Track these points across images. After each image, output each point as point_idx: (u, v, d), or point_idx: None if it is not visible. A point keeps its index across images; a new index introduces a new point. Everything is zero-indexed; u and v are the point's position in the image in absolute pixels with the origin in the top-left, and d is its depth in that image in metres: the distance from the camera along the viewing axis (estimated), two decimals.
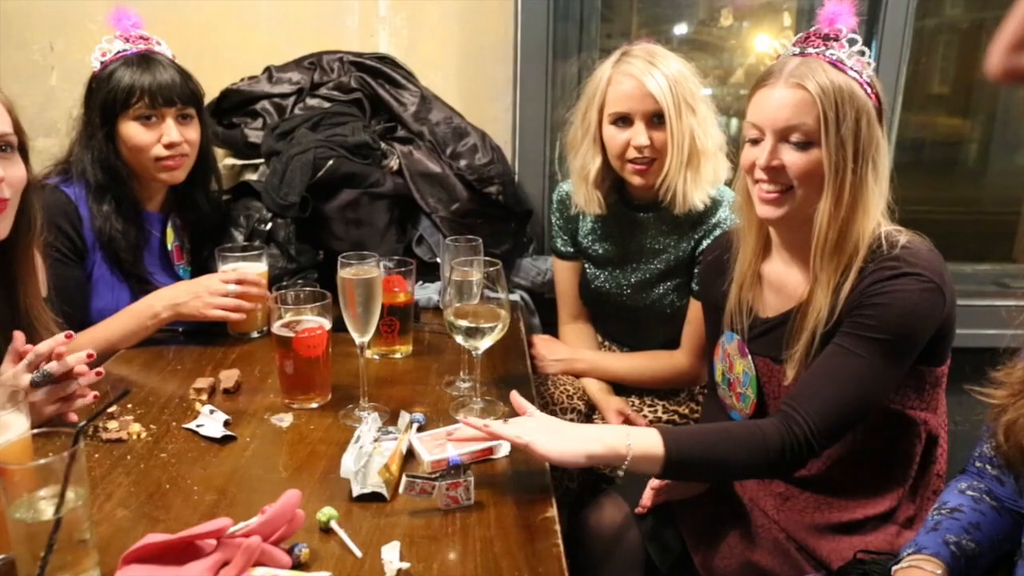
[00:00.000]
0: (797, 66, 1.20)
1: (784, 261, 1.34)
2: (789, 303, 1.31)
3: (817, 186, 1.20)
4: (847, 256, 1.21)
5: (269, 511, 0.91)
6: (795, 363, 1.24)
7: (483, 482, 1.09)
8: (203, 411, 1.29)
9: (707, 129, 1.59)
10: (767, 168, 1.21)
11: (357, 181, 1.83)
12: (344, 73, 2.02)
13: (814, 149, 1.19)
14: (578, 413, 1.72)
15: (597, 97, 1.60)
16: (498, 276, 1.26)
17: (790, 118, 1.18)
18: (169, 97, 1.60)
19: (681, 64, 1.59)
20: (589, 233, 1.78)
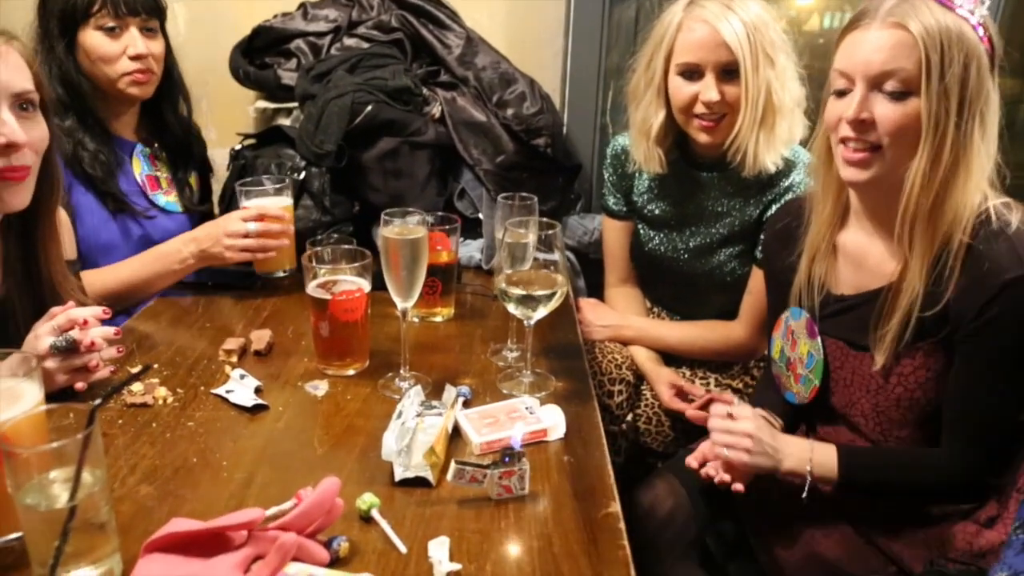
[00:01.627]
0: (897, 4, 1.03)
1: (866, 232, 1.19)
2: (873, 281, 1.17)
3: (911, 144, 1.05)
4: (945, 227, 1.06)
5: (305, 499, 0.82)
6: (886, 347, 1.11)
7: (536, 468, 0.99)
8: (233, 375, 1.20)
9: (785, 83, 1.43)
10: (855, 122, 1.05)
11: (397, 129, 1.70)
12: (384, 11, 1.88)
13: (912, 99, 1.03)
14: (626, 384, 1.61)
15: (664, 44, 1.44)
16: (555, 239, 1.14)
17: (886, 62, 1.03)
18: (133, 6, 1.51)
19: (761, 8, 1.41)
20: (645, 192, 1.64)
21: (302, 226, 1.66)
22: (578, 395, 1.20)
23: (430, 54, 1.87)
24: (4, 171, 1.04)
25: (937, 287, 1.08)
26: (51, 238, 1.18)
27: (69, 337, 1.05)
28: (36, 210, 1.13)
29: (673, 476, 1.39)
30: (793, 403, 1.32)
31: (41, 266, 1.17)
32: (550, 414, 1.09)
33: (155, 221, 1.64)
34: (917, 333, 1.09)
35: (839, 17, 2.18)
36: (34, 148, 1.07)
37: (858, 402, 1.21)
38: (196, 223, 1.72)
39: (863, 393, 1.20)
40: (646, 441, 1.62)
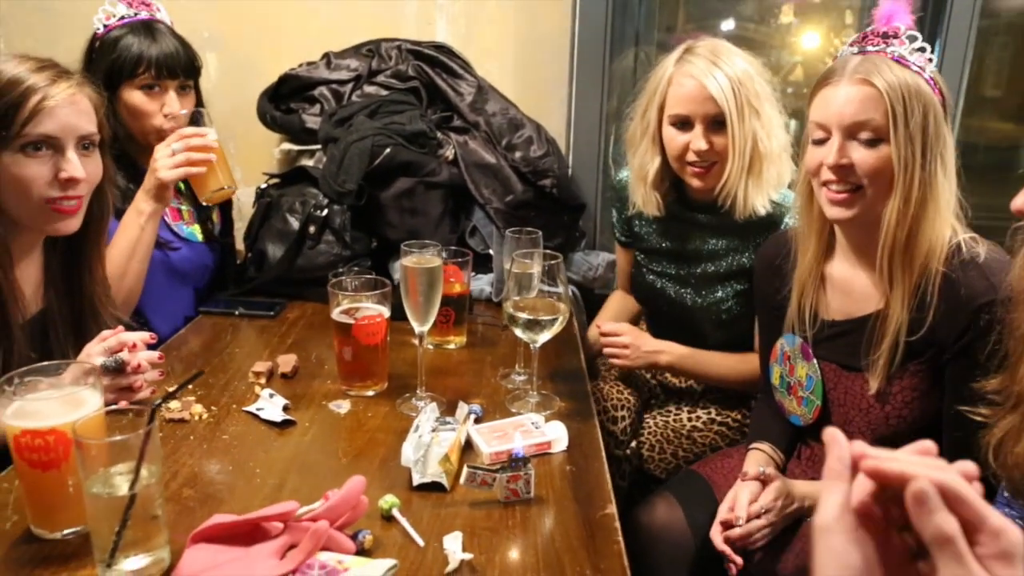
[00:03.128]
0: (861, 63, 1.17)
1: (851, 263, 1.30)
2: (861, 308, 1.28)
3: (887, 184, 1.17)
4: (921, 259, 1.18)
5: (333, 497, 0.92)
6: (879, 372, 1.21)
7: (541, 476, 1.08)
8: (263, 395, 1.31)
9: (771, 131, 1.53)
10: (836, 167, 1.18)
11: (413, 170, 1.83)
12: (402, 61, 2.02)
13: (883, 146, 1.16)
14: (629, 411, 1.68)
15: (657, 96, 1.55)
16: (558, 269, 1.25)
17: (857, 114, 1.16)
18: (173, 69, 1.64)
19: (747, 63, 1.52)
20: (648, 227, 1.73)
21: (324, 260, 1.78)
22: (580, 413, 1.30)
23: (444, 101, 2.01)
24: (60, 200, 1.17)
25: (920, 313, 1.18)
26: (97, 260, 1.30)
27: (119, 358, 1.16)
28: (85, 234, 1.26)
29: (671, 495, 1.47)
30: (799, 426, 1.40)
31: (84, 284, 1.29)
32: (554, 429, 1.19)
33: (178, 252, 1.75)
34: (905, 356, 1.19)
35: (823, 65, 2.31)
36: (89, 182, 1.20)
37: (852, 420, 1.30)
38: (217, 253, 1.85)
39: (856, 412, 1.29)
40: (649, 468, 1.67)
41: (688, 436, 1.67)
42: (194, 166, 1.55)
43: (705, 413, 1.69)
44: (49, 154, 1.16)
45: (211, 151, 1.58)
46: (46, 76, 1.16)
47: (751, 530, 1.28)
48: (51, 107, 1.14)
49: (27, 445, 0.87)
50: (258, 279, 1.81)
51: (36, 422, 0.88)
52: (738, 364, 1.66)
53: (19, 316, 1.18)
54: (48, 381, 0.94)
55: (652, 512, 1.44)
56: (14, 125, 1.12)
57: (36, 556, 0.90)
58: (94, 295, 1.30)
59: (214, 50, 2.17)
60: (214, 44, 2.16)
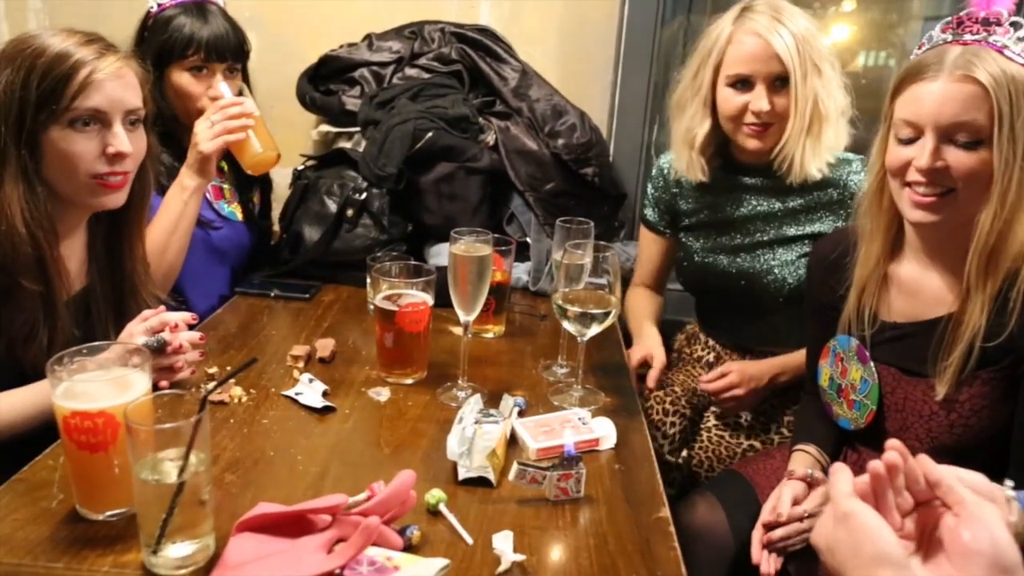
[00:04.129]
0: (961, 54, 1.08)
1: (922, 264, 1.24)
2: (929, 311, 1.22)
3: (981, 188, 1.09)
4: (1008, 263, 1.11)
5: (383, 491, 0.89)
6: (948, 378, 1.16)
7: (589, 474, 1.04)
8: (302, 379, 1.29)
9: (832, 92, 1.47)
10: (929, 171, 1.10)
11: (454, 155, 1.80)
12: (444, 44, 1.98)
13: (983, 147, 1.08)
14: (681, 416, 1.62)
15: (714, 56, 1.49)
16: (609, 261, 1.21)
17: (959, 114, 1.07)
18: (222, 52, 1.62)
19: (808, 20, 1.47)
20: (691, 200, 1.67)
21: (360, 243, 1.76)
22: (626, 410, 1.27)
23: (487, 85, 1.97)
24: (107, 175, 1.15)
25: (1000, 318, 1.12)
26: (138, 237, 1.29)
27: (160, 338, 1.14)
28: (127, 210, 1.24)
29: (712, 495, 1.43)
30: (848, 429, 1.35)
31: (125, 262, 1.27)
32: (602, 425, 1.16)
33: (219, 231, 1.74)
34: (979, 363, 1.14)
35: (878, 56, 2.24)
36: (135, 158, 1.19)
37: (911, 427, 1.25)
38: (256, 234, 1.83)
39: (916, 419, 1.24)
40: (700, 477, 1.61)
41: (742, 456, 1.62)
42: (232, 133, 1.53)
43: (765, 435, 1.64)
44: (97, 129, 1.14)
45: (250, 117, 1.56)
46: (93, 50, 1.13)
47: (790, 533, 1.25)
48: (99, 80, 1.12)
49: (76, 427, 0.86)
50: (294, 261, 1.78)
51: (86, 404, 0.86)
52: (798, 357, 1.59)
53: (64, 293, 1.16)
54: (95, 360, 0.92)
55: (693, 512, 1.41)
56: (63, 99, 1.10)
57: (82, 537, 0.88)
58: (134, 273, 1.29)
59: (254, 30, 2.12)
60: (255, 24, 2.13)
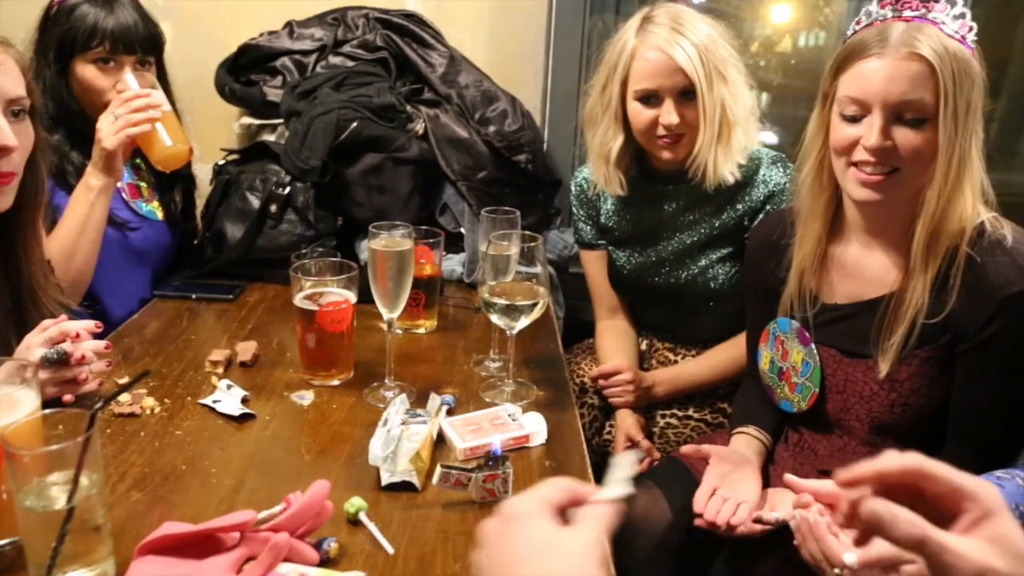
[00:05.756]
0: (905, 31, 1.07)
1: (863, 244, 1.23)
2: (870, 290, 1.22)
3: (924, 166, 1.09)
4: (949, 240, 1.11)
5: (296, 502, 0.85)
6: (891, 357, 1.15)
7: (519, 472, 1.02)
8: (220, 386, 1.23)
9: (738, 95, 1.46)
10: (878, 149, 1.09)
11: (381, 145, 1.74)
12: (369, 30, 1.92)
13: (928, 126, 1.07)
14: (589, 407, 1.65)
15: (619, 71, 1.47)
16: (537, 252, 1.18)
17: (907, 92, 1.06)
18: (130, 44, 1.52)
19: (709, 26, 1.45)
20: (613, 214, 1.66)
21: (286, 240, 1.69)
22: (559, 403, 1.24)
23: (414, 72, 1.91)
24: None
25: (940, 296, 1.12)
26: (33, 240, 1.20)
27: (61, 350, 1.07)
28: (19, 213, 1.15)
29: (651, 482, 1.42)
30: (790, 412, 1.35)
31: (21, 267, 1.18)
32: (532, 421, 1.13)
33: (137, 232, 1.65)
34: (919, 341, 1.14)
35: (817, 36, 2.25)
36: (21, 153, 1.10)
37: (852, 408, 1.25)
38: (178, 235, 1.75)
39: (857, 400, 1.24)
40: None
41: (661, 435, 1.62)
42: (136, 126, 1.43)
43: (681, 410, 1.64)
44: None
45: (155, 108, 1.46)
46: None
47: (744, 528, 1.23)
48: None
49: None
50: (216, 260, 1.71)
51: None
52: (727, 354, 1.61)
53: None
54: None
55: (633, 503, 1.39)
56: None
57: None
58: (32, 278, 1.20)
59: (168, 18, 2.03)
60: (169, 13, 2.03)
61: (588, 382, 1.66)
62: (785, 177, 1.51)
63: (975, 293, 1.10)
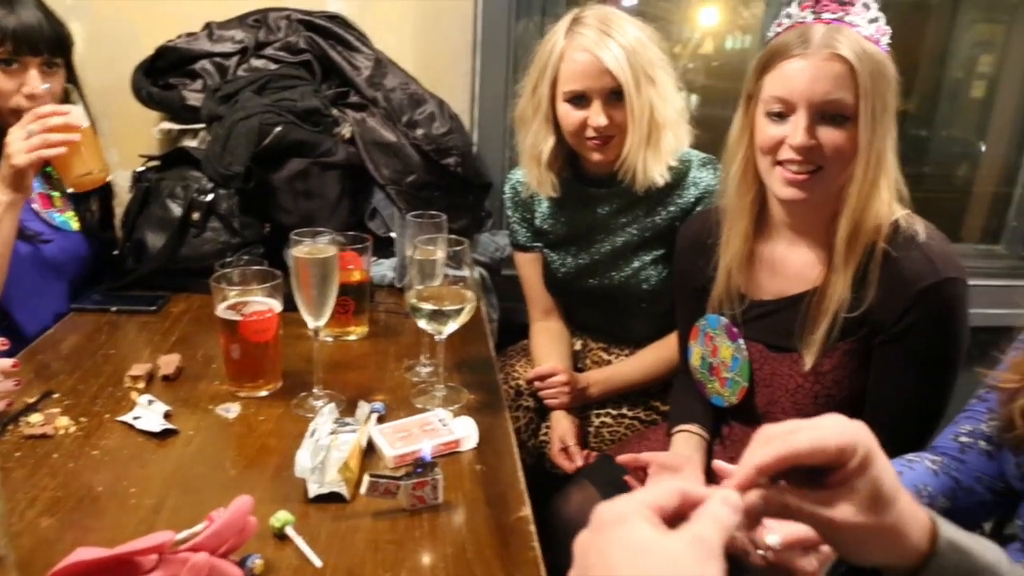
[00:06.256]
0: (826, 33, 1.11)
1: (788, 241, 1.27)
2: (794, 286, 1.25)
3: (845, 164, 1.13)
4: (867, 236, 1.15)
5: (217, 519, 0.82)
6: (815, 350, 1.19)
7: (449, 478, 1.01)
8: (140, 401, 1.18)
9: (667, 98, 1.49)
10: (804, 148, 1.12)
11: (307, 150, 1.71)
12: (292, 32, 1.88)
13: (849, 123, 1.11)
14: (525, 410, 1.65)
15: (548, 72, 1.48)
16: (464, 255, 1.18)
17: (829, 92, 1.10)
18: (34, 44, 1.45)
19: (637, 29, 1.47)
20: (548, 216, 1.67)
21: (210, 248, 1.64)
22: (490, 406, 1.24)
23: (339, 75, 1.88)
24: None
25: (859, 291, 1.16)
26: None
27: None
28: None
29: (587, 482, 1.44)
30: (721, 406, 1.38)
31: None
32: (463, 425, 1.13)
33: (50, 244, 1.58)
34: (840, 334, 1.18)
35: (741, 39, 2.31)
36: None
37: (778, 401, 1.28)
38: (96, 245, 1.68)
39: (783, 393, 1.27)
40: (547, 465, 1.61)
41: (597, 434, 1.63)
42: (52, 148, 1.36)
43: (616, 409, 1.66)
44: None
45: (74, 131, 1.39)
46: None
47: None
48: None
49: None
50: (138, 271, 1.65)
51: None
52: (658, 353, 1.64)
53: None
54: None
55: (568, 502, 1.41)
56: None
57: None
58: None
59: (79, 19, 1.96)
60: (80, 13, 1.95)
61: (524, 384, 1.67)
62: (715, 179, 1.53)
63: (891, 287, 1.15)
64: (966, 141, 2.51)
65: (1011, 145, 2.37)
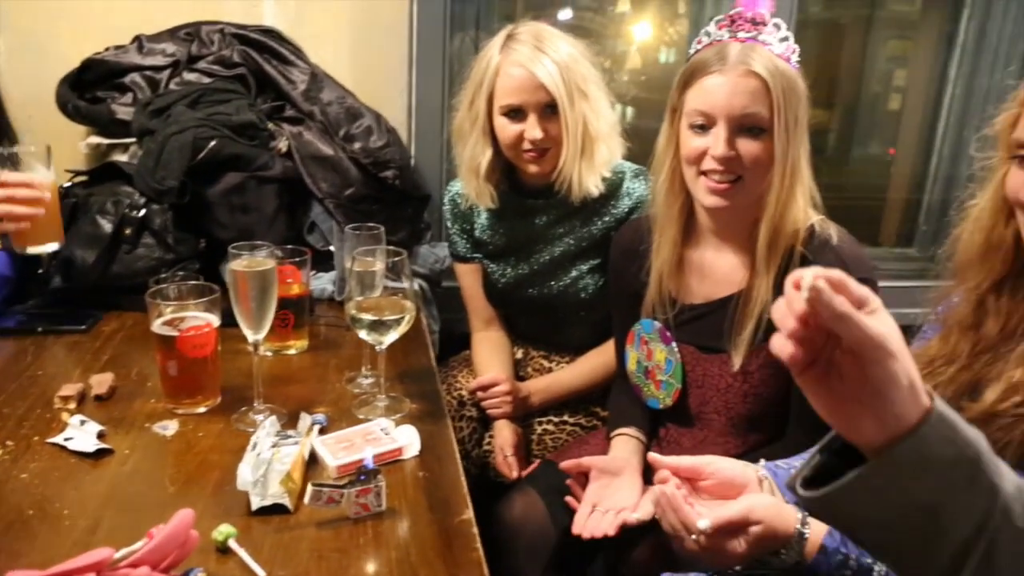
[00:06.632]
0: (743, 52, 1.18)
1: (714, 247, 1.33)
2: (721, 290, 1.31)
3: (763, 174, 1.20)
4: (787, 241, 1.22)
5: (158, 535, 0.81)
6: (742, 350, 1.25)
7: (393, 485, 1.02)
8: (72, 422, 1.15)
9: (599, 111, 1.54)
10: (724, 158, 1.18)
11: (243, 164, 1.69)
12: (225, 46, 1.87)
13: (765, 137, 1.19)
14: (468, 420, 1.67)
15: (485, 86, 1.52)
16: (402, 266, 1.19)
17: (747, 106, 1.17)
18: None
19: (570, 45, 1.52)
20: (487, 227, 1.70)
21: (144, 265, 1.61)
22: (431, 415, 1.25)
23: (274, 89, 1.88)
24: None
25: (780, 292, 1.22)
26: None
27: None
28: None
29: (530, 487, 1.46)
30: (656, 408, 1.42)
31: None
32: (405, 434, 1.14)
33: None
34: (765, 334, 1.23)
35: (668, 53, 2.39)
36: None
37: (710, 401, 1.34)
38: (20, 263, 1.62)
39: (714, 393, 1.33)
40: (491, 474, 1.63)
41: (539, 441, 1.66)
42: (14, 221, 1.33)
43: (557, 416, 1.69)
44: None
45: (40, 204, 1.34)
46: None
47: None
48: None
49: None
50: (65, 289, 1.61)
51: None
52: (597, 359, 1.67)
53: None
54: None
55: (511, 508, 1.43)
56: None
57: None
58: None
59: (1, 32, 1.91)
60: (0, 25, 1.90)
61: (466, 395, 1.68)
62: (647, 189, 1.58)
63: None
64: (883, 151, 2.65)
65: (920, 154, 2.51)
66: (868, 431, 0.62)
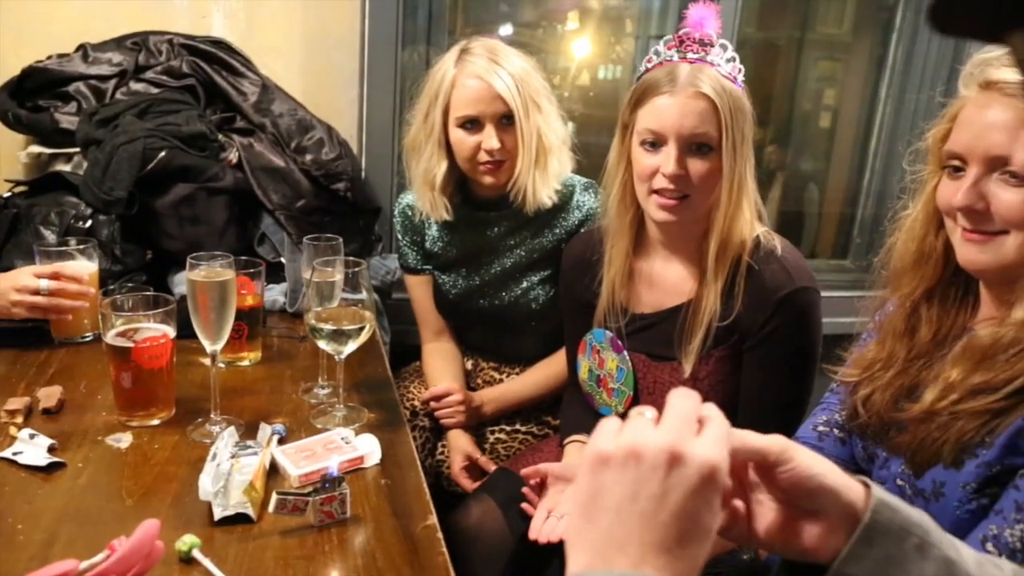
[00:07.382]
0: (691, 72, 1.23)
1: (663, 258, 1.38)
2: (671, 299, 1.36)
3: (710, 190, 1.26)
4: (733, 252, 1.28)
5: (121, 546, 0.81)
6: (692, 357, 1.30)
7: (356, 493, 1.04)
8: (20, 436, 1.13)
9: (552, 124, 1.58)
10: (674, 176, 1.23)
11: (193, 175, 1.68)
12: (174, 56, 1.85)
13: (713, 155, 1.24)
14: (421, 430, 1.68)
15: (441, 99, 1.54)
16: (361, 276, 1.21)
17: (696, 126, 1.22)
18: None
19: (522, 59, 1.57)
20: (438, 239, 1.71)
21: None
22: (390, 424, 1.27)
23: (224, 100, 1.87)
24: None
25: (728, 301, 1.29)
26: None
27: None
28: None
29: (486, 495, 1.48)
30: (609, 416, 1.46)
31: None
32: (366, 442, 1.15)
33: None
34: (714, 342, 1.29)
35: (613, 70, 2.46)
36: None
37: (662, 407, 1.38)
38: None
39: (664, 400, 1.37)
40: (444, 484, 1.65)
41: (492, 449, 1.69)
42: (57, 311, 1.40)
43: (509, 425, 1.72)
44: None
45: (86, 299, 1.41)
46: None
47: None
48: None
49: None
50: None
51: None
52: (548, 369, 1.70)
53: None
54: None
55: (468, 515, 1.45)
56: None
57: None
58: None
59: None
60: None
61: (419, 405, 1.70)
62: (596, 202, 1.63)
63: (755, 297, 1.28)
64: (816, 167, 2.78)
65: (852, 170, 2.64)
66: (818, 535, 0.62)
